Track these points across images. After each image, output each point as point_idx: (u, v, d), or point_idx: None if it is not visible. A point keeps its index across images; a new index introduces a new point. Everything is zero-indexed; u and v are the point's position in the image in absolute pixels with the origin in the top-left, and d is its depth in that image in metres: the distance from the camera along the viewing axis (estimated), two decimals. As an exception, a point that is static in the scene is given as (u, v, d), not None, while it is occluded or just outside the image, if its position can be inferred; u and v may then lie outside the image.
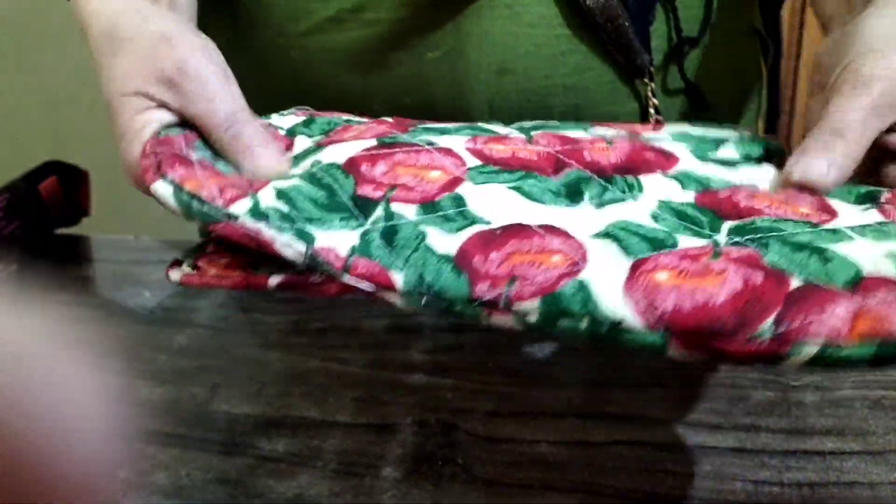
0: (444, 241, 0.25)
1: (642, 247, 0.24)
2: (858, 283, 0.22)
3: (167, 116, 0.30)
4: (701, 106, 0.40)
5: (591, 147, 0.31)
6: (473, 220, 0.26)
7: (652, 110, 0.38)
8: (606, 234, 0.25)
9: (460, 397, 0.35)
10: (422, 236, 0.25)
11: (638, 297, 0.22)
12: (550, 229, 0.25)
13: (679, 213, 0.27)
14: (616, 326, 0.22)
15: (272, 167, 0.29)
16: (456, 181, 0.27)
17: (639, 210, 0.27)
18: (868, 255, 0.23)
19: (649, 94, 0.37)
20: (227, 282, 0.27)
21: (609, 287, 0.22)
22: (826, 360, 0.21)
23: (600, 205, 0.27)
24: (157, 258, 0.45)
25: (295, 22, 0.38)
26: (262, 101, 0.40)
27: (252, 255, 0.26)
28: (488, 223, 0.25)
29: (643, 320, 0.22)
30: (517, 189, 0.27)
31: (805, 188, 0.27)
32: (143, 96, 0.31)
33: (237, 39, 0.42)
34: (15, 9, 0.78)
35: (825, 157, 0.27)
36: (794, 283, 0.22)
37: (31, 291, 0.43)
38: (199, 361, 0.38)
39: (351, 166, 0.28)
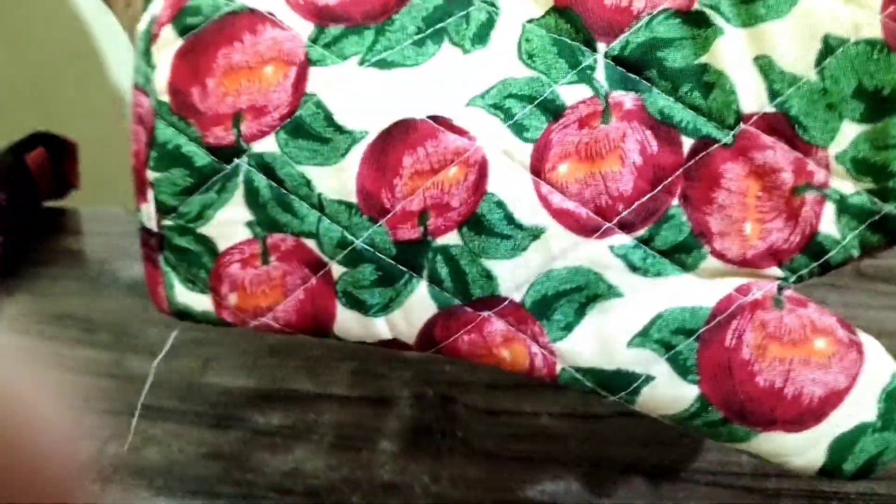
0: (332, 180, 0.21)
1: (533, 120, 0.21)
2: (737, 127, 0.20)
3: None
4: None
5: None
6: (352, 137, 0.21)
7: None
8: (490, 105, 0.21)
9: (458, 370, 0.34)
10: (305, 183, 0.21)
11: (551, 203, 0.20)
12: (436, 119, 0.21)
13: (550, 37, 0.21)
14: (539, 235, 0.21)
15: None
16: (301, 73, 0.21)
17: (508, 49, 0.21)
18: (741, 64, 0.20)
19: None
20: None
21: (521, 198, 0.21)
22: None
23: (465, 49, 0.21)
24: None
25: None
26: None
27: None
28: (365, 133, 0.21)
29: (562, 224, 0.21)
30: (374, 63, 0.21)
31: None
32: None
33: None
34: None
35: None
36: (686, 143, 0.20)
37: (19, 265, 0.42)
38: (191, 334, 0.37)
39: (180, 101, 0.21)
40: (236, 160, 0.21)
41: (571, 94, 0.21)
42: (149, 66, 0.21)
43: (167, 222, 0.22)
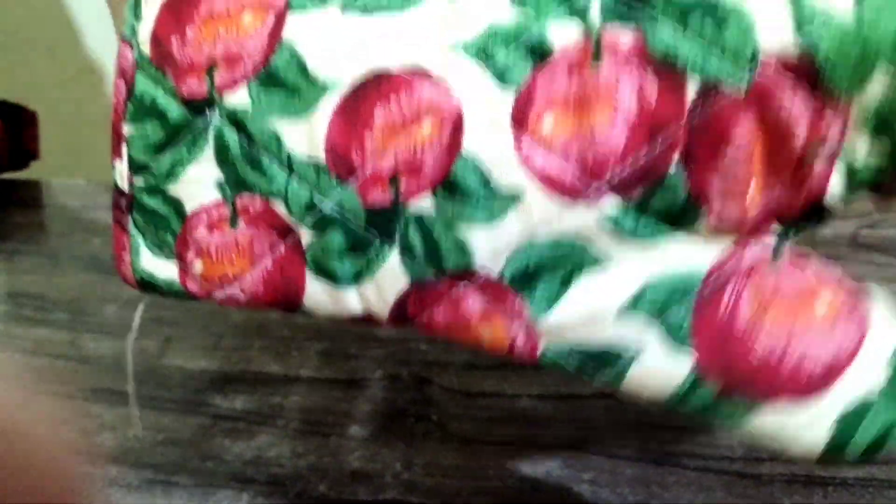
0: (301, 136, 0.20)
1: (517, 63, 0.19)
2: (753, 69, 0.17)
3: None
4: None
5: None
6: (324, 88, 0.19)
7: None
8: (473, 51, 0.19)
9: (434, 349, 0.32)
10: (275, 139, 0.20)
11: (533, 162, 0.18)
12: (413, 72, 0.19)
13: None
14: (518, 199, 0.18)
15: None
16: (279, 20, 0.20)
17: None
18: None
19: None
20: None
21: (500, 157, 0.18)
22: None
23: None
24: (108, 203, 0.42)
25: None
26: None
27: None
28: (338, 83, 0.19)
29: (546, 186, 0.18)
30: (357, 7, 0.20)
31: None
32: None
33: None
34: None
35: None
36: (691, 87, 0.17)
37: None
38: (151, 313, 0.34)
39: (160, 52, 0.20)
40: (208, 112, 0.20)
41: (561, 33, 0.18)
42: (136, 19, 0.21)
43: (138, 181, 0.21)
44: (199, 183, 0.21)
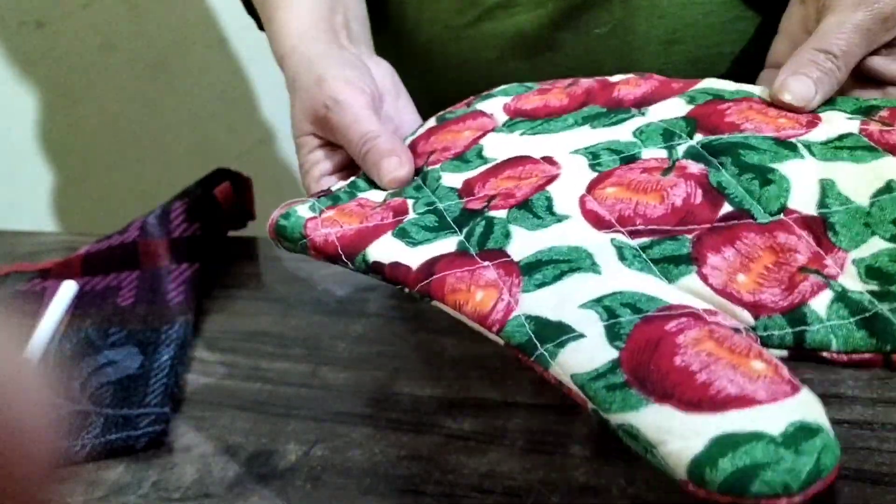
0: (455, 178, 0.31)
1: (610, 161, 0.28)
2: (776, 213, 0.25)
3: (329, 158, 0.36)
4: None
5: (623, 84, 0.33)
6: (485, 161, 0.31)
7: None
8: (587, 151, 0.29)
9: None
10: (438, 177, 0.31)
11: (586, 204, 0.27)
12: (543, 157, 0.30)
13: (662, 126, 0.29)
14: (562, 220, 0.26)
15: (391, 174, 0.32)
16: (482, 135, 0.32)
17: (626, 128, 0.30)
18: (806, 178, 0.25)
19: None
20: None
21: (567, 196, 0.27)
22: None
23: (594, 126, 0.31)
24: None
25: (461, 13, 0.39)
26: (429, 97, 0.42)
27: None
28: (494, 159, 0.31)
29: (586, 218, 0.26)
30: (528, 131, 0.32)
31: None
32: (312, 136, 0.35)
33: (399, 44, 0.44)
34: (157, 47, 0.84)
35: (814, 79, 0.28)
36: (725, 208, 0.25)
37: (212, 288, 0.46)
38: (377, 348, 0.40)
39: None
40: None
41: (650, 153, 0.28)
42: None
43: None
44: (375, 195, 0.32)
